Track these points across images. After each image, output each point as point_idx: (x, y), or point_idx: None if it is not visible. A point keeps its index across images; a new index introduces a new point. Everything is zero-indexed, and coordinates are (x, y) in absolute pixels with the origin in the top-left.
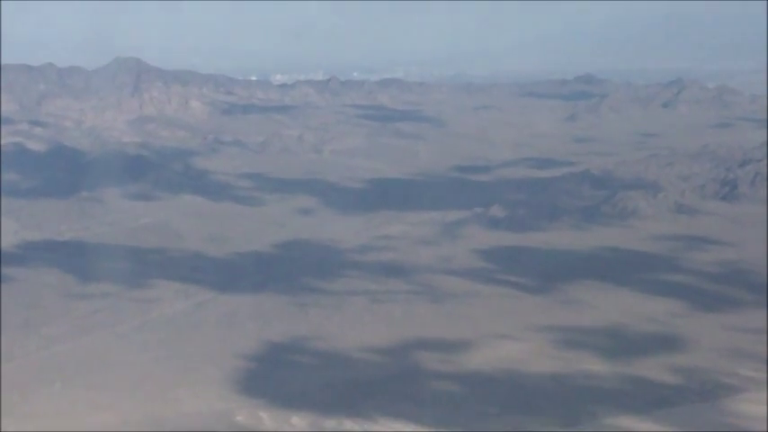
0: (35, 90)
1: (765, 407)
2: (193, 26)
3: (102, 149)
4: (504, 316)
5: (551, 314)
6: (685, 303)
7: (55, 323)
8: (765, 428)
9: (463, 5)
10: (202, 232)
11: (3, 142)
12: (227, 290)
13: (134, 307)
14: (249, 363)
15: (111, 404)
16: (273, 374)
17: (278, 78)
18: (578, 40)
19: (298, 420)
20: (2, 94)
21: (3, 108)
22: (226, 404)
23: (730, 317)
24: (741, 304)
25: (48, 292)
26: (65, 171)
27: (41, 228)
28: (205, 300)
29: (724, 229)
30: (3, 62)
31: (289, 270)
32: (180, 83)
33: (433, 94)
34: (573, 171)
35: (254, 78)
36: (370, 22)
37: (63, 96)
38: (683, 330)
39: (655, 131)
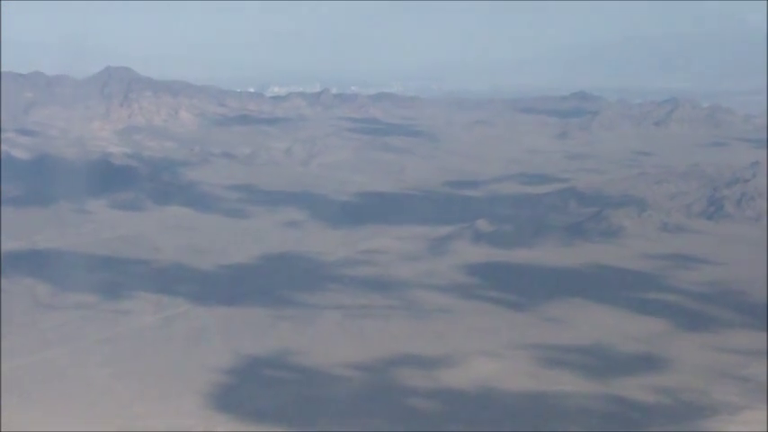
0: (22, 98)
1: (741, 429)
2: (193, 37)
3: (86, 159)
4: (484, 333)
5: (533, 332)
6: (668, 322)
7: (19, 335)
8: None
9: (465, 20)
10: (185, 244)
11: None
12: (202, 302)
13: (104, 319)
14: (216, 377)
15: (67, 421)
16: (240, 390)
17: (274, 90)
18: (576, 56)
19: None
20: None
21: None
22: (186, 420)
23: (713, 336)
24: (724, 324)
25: (17, 303)
26: (48, 180)
27: (18, 237)
28: (178, 312)
29: (709, 248)
30: None
31: (268, 283)
32: (170, 93)
33: (427, 109)
34: (561, 188)
35: (251, 90)
36: (368, 36)
37: (50, 105)
38: (665, 350)
39: (646, 149)
